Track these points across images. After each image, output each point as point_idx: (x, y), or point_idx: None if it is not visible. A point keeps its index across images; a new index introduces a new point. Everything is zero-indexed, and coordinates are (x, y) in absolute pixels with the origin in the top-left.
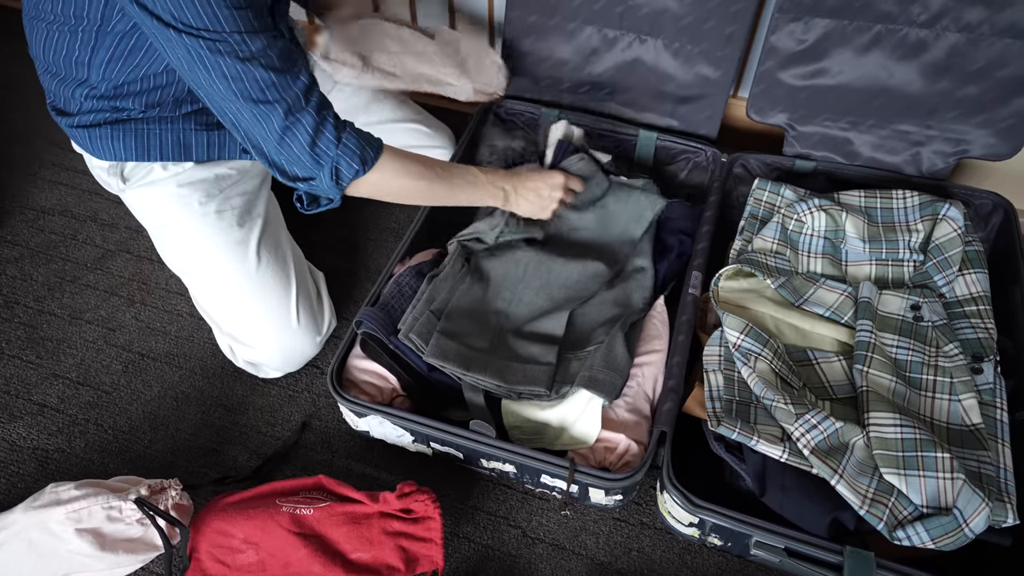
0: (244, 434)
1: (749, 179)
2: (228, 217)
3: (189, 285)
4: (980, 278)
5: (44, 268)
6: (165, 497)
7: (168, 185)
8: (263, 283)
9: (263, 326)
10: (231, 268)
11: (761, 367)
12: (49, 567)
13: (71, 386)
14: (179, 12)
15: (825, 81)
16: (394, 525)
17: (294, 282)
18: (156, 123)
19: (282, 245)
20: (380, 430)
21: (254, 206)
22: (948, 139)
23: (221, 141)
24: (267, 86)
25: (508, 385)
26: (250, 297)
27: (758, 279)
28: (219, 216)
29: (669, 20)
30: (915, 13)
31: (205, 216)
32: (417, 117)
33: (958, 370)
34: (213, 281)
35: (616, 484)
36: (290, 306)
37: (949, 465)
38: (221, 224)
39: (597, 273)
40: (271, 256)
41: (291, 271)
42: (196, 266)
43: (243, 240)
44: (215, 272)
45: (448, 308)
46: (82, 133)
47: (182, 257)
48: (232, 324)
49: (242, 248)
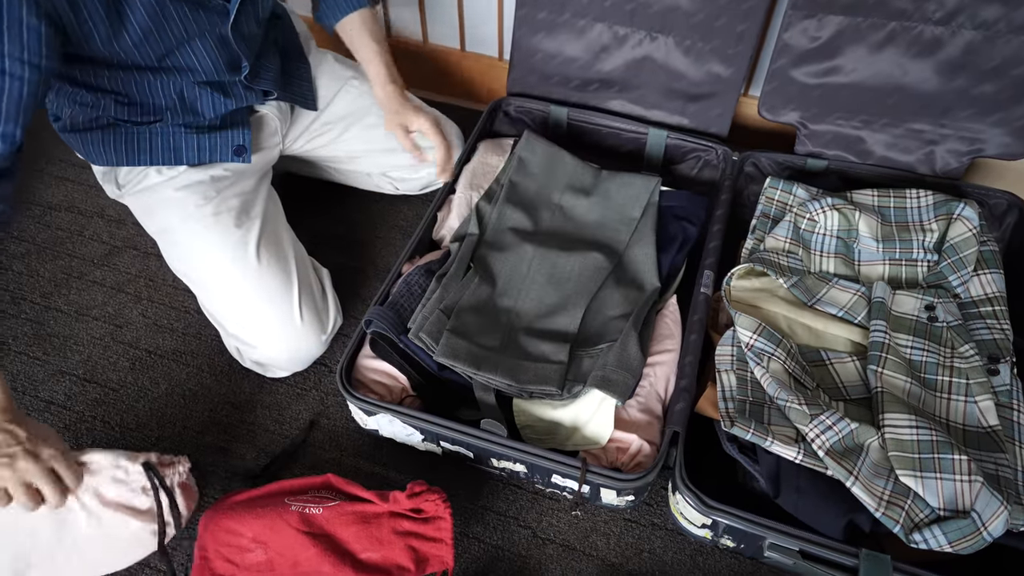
0: (252, 432)
1: (760, 178)
2: (225, 219)
3: (193, 288)
4: (995, 278)
5: (51, 264)
6: (172, 472)
7: (164, 190)
8: (264, 282)
9: (266, 325)
10: (231, 269)
11: (774, 367)
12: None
13: (78, 383)
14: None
15: (838, 79)
16: (404, 525)
17: (296, 280)
18: (145, 127)
19: (283, 243)
20: (389, 429)
21: (252, 206)
22: (962, 138)
23: (212, 144)
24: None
25: (519, 384)
26: (252, 297)
27: (770, 278)
28: (216, 218)
29: (680, 17)
30: (930, 10)
31: (202, 219)
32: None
33: (974, 371)
34: (215, 283)
35: (628, 485)
36: (292, 304)
37: (966, 467)
38: (219, 226)
39: (599, 264)
40: (271, 255)
41: (292, 269)
42: (197, 269)
43: (242, 240)
44: (216, 274)
45: (457, 307)
46: (74, 137)
47: (183, 261)
48: (236, 325)
49: (241, 248)
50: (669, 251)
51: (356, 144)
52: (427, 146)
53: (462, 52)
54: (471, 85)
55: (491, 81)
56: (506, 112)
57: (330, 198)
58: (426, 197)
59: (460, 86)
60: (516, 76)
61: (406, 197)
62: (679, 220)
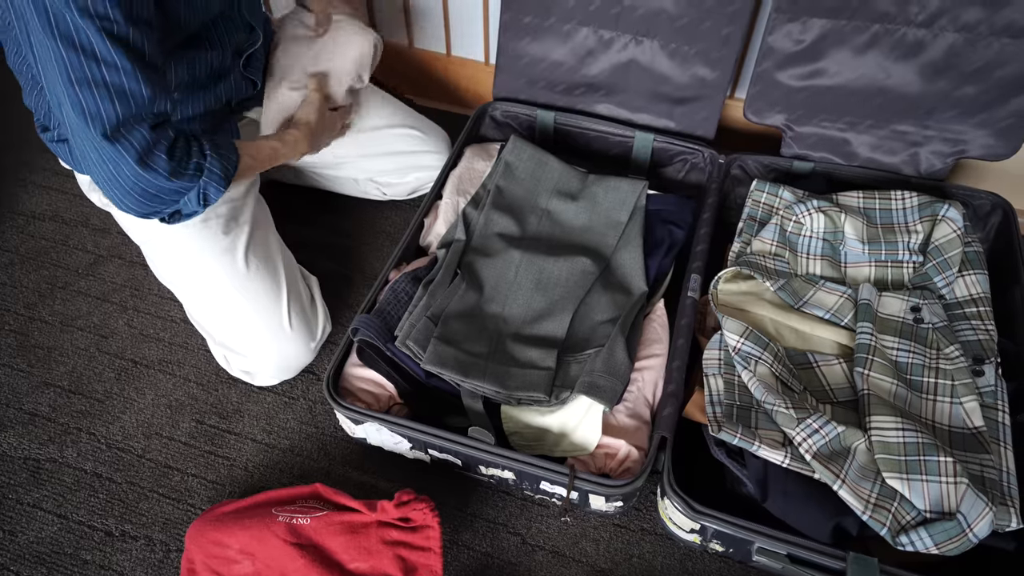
0: (240, 442)
1: (747, 180)
2: (213, 226)
3: (180, 296)
4: (980, 279)
5: (35, 274)
6: None
7: None
8: (253, 290)
9: (255, 333)
10: (219, 277)
11: (761, 371)
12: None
13: (63, 394)
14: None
15: (823, 81)
16: (392, 534)
17: (285, 288)
18: None
19: (271, 251)
20: (377, 437)
21: (240, 213)
22: (946, 139)
23: None
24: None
25: (507, 391)
26: (240, 305)
27: (757, 281)
28: (204, 225)
29: (665, 21)
30: (913, 13)
31: (190, 226)
32: (410, 122)
33: (959, 372)
34: (202, 291)
35: (616, 491)
36: (282, 312)
37: (952, 469)
38: (207, 233)
39: (586, 268)
40: (260, 263)
41: (281, 277)
42: (185, 277)
43: (230, 247)
44: (204, 282)
45: (445, 313)
46: (63, 148)
47: (170, 268)
48: (224, 333)
49: (229, 256)
50: (656, 255)
51: (340, 149)
52: (419, 149)
53: (448, 57)
54: (457, 90)
55: (477, 86)
56: (492, 117)
57: (318, 205)
58: (414, 202)
59: (446, 91)
60: (502, 80)
61: (394, 203)
62: (666, 224)
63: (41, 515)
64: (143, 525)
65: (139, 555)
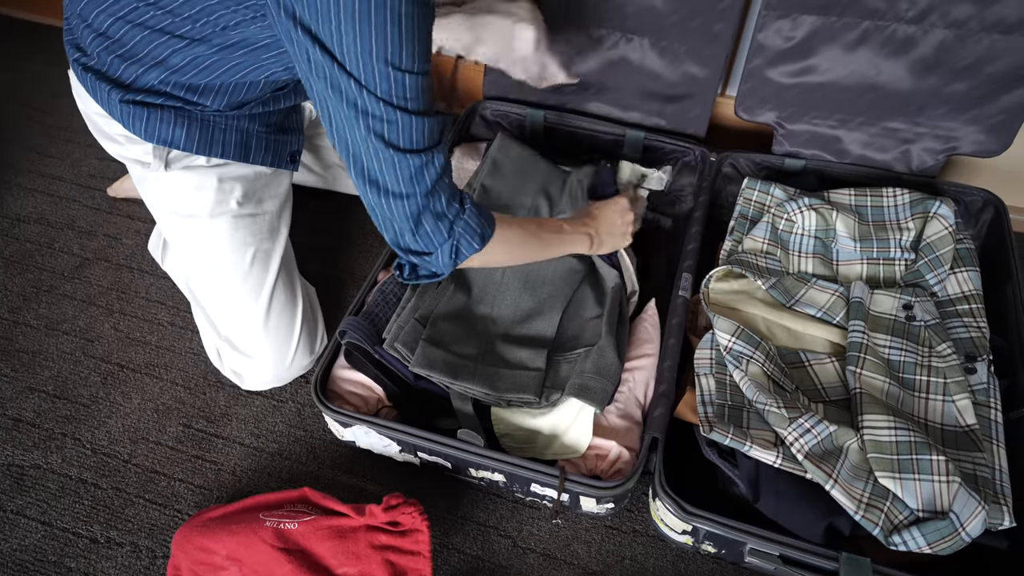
0: (227, 446)
1: (738, 178)
2: (261, 223)
3: (193, 280)
4: (972, 276)
5: (19, 278)
6: None
7: (209, 176)
8: (276, 302)
9: (266, 345)
10: (249, 279)
11: (753, 370)
12: None
13: (47, 399)
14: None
15: (813, 79)
16: (381, 538)
17: (300, 302)
18: (223, 119)
19: (292, 261)
20: (366, 440)
21: (283, 215)
22: (937, 136)
23: (276, 147)
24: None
25: (497, 393)
26: (261, 314)
27: (749, 280)
28: (253, 220)
29: (655, 18)
30: (903, 9)
31: (239, 218)
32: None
33: (951, 370)
34: (225, 287)
35: (607, 492)
36: (295, 328)
37: (944, 468)
38: (253, 228)
39: (573, 267)
40: (287, 274)
41: (298, 290)
42: (212, 267)
43: (267, 253)
44: (231, 280)
45: (433, 315)
46: (137, 110)
47: (200, 252)
48: (233, 331)
49: (264, 261)
50: None
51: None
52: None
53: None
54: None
55: (467, 84)
56: (483, 116)
57: (307, 204)
58: None
59: (437, 90)
60: (492, 79)
61: None
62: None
63: (24, 522)
64: (129, 531)
65: (124, 562)
